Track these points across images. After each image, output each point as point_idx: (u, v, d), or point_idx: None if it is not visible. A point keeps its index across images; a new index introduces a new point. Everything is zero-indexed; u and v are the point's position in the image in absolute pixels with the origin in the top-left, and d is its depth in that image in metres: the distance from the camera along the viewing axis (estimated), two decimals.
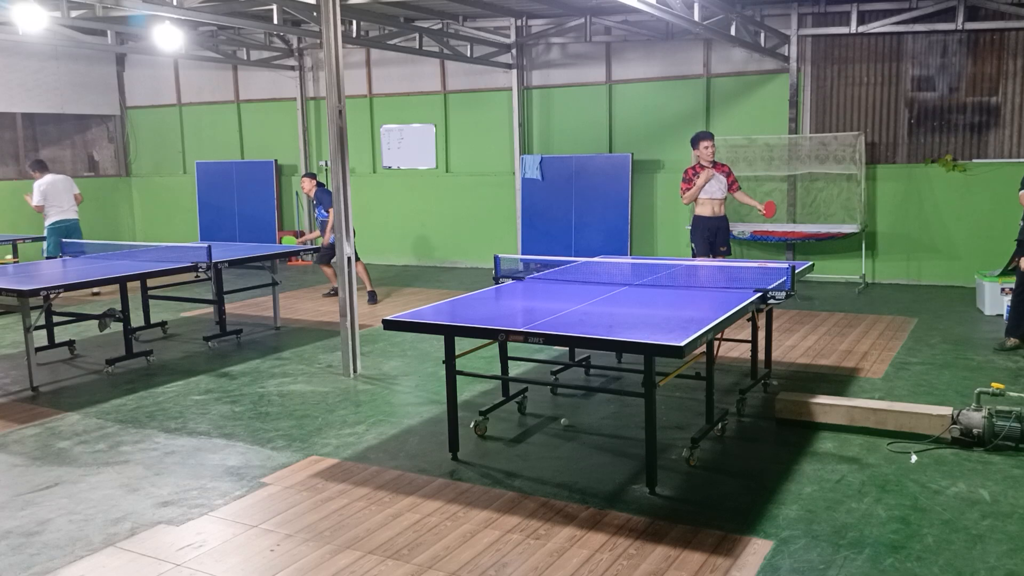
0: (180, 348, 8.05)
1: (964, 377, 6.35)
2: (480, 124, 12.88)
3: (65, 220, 10.79)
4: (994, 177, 10.02)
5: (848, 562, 3.59)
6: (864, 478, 4.49)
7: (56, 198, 10.72)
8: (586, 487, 4.47)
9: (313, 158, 14.12)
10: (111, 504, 4.39)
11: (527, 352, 6.61)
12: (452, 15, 12.04)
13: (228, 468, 4.87)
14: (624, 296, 5.35)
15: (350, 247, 6.83)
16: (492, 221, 12.90)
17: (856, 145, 10.43)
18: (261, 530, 4.04)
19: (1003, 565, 3.54)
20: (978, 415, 4.84)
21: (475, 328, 4.52)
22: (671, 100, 11.65)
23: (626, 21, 11.34)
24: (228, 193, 14.29)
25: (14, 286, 6.41)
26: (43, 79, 13.83)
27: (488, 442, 5.22)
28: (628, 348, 4.25)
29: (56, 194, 10.73)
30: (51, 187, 10.70)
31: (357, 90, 13.36)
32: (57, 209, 10.73)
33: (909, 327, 8.16)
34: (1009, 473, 4.50)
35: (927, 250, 10.57)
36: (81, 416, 5.93)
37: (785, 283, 5.29)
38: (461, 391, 5.59)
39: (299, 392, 6.43)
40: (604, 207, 11.84)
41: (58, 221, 10.74)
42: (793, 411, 5.37)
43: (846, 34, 10.54)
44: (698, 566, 3.58)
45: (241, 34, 13.28)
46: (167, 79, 14.99)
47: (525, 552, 3.75)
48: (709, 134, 8.40)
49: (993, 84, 10.08)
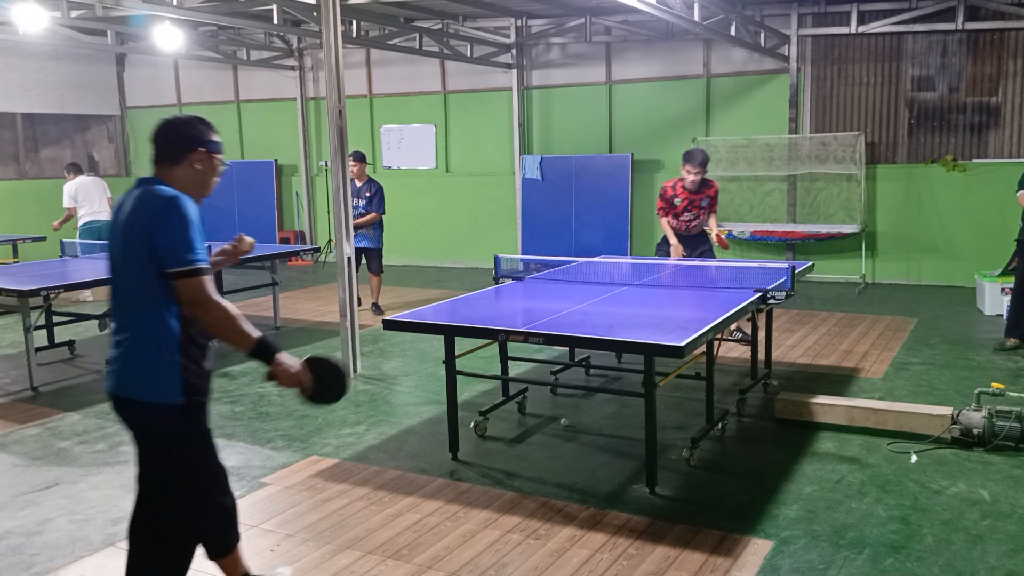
0: None
1: (964, 377, 6.35)
2: (480, 124, 12.88)
3: (97, 221, 10.60)
4: (994, 177, 10.02)
5: (848, 562, 3.59)
6: (864, 478, 4.49)
7: (87, 198, 10.57)
8: (586, 487, 4.47)
9: (313, 158, 14.12)
10: (111, 504, 4.39)
11: (527, 352, 6.61)
12: (452, 15, 12.04)
13: (228, 468, 4.85)
14: (624, 296, 5.35)
15: (350, 247, 6.83)
16: (492, 221, 12.90)
17: (856, 145, 10.43)
18: (261, 530, 4.04)
19: (1003, 565, 3.54)
20: (978, 415, 4.84)
21: (475, 328, 4.52)
22: (671, 100, 11.66)
23: (626, 21, 11.34)
24: (228, 193, 14.29)
25: (14, 286, 6.41)
26: (43, 79, 13.83)
27: (488, 442, 5.22)
28: (628, 348, 4.25)
29: (87, 195, 10.58)
30: (81, 188, 10.58)
31: (357, 90, 13.36)
32: (88, 209, 10.58)
33: (909, 327, 8.16)
34: (1009, 473, 4.50)
35: (927, 250, 10.57)
36: (81, 416, 5.93)
37: (785, 283, 5.29)
38: (461, 391, 5.59)
39: None
40: (604, 207, 11.84)
41: (90, 222, 10.59)
42: (793, 411, 5.37)
43: (846, 34, 10.54)
44: (698, 566, 3.58)
45: (241, 34, 13.28)
46: (167, 79, 14.99)
47: (525, 552, 3.75)
48: (698, 157, 7.07)
49: (993, 84, 10.08)
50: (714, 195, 7.29)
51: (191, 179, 2.90)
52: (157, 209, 2.73)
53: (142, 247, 2.72)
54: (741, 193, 11.27)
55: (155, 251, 2.70)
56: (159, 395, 2.77)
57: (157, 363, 2.76)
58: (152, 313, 2.75)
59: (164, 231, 2.70)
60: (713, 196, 7.28)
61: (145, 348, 2.77)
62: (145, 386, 2.77)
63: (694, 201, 7.18)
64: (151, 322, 2.75)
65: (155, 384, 2.77)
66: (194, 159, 2.90)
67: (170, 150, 2.89)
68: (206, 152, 2.92)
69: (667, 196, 7.24)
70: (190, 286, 2.71)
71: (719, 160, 11.08)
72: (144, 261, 2.72)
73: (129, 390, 2.80)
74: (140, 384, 2.78)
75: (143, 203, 2.78)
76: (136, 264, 2.74)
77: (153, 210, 2.73)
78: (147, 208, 2.75)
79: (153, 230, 2.71)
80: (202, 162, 2.91)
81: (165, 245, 2.70)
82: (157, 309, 2.75)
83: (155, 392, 2.77)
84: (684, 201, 7.18)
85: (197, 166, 2.91)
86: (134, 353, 2.79)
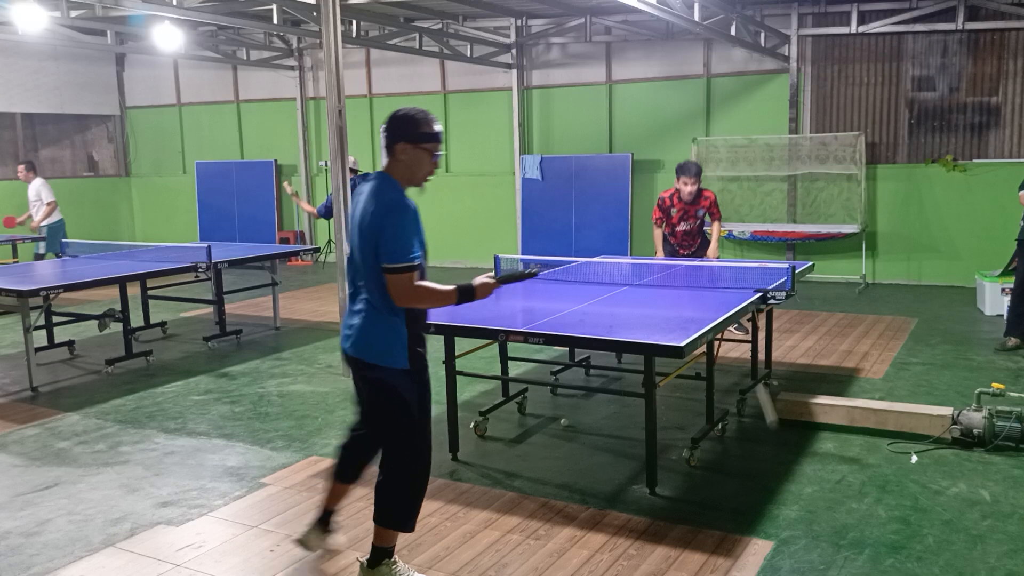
0: (180, 348, 8.05)
1: (964, 377, 6.35)
2: (480, 124, 12.87)
3: (60, 219, 10.89)
4: (994, 177, 10.02)
5: (848, 562, 3.59)
6: (864, 478, 4.49)
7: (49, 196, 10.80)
8: (586, 487, 4.46)
9: (313, 158, 14.12)
10: (111, 504, 4.39)
11: (527, 352, 6.60)
12: (452, 15, 12.04)
13: (228, 468, 4.87)
14: (624, 296, 5.35)
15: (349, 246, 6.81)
16: (492, 221, 12.89)
17: (856, 145, 10.43)
18: (261, 530, 4.04)
19: (1003, 565, 3.54)
20: (978, 415, 4.83)
21: (475, 328, 4.52)
22: (671, 100, 11.65)
23: (626, 21, 11.34)
24: (228, 193, 14.29)
25: (14, 286, 6.41)
26: (43, 79, 13.82)
27: (488, 442, 5.22)
28: (628, 348, 4.25)
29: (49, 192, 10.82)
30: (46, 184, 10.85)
31: (357, 90, 13.36)
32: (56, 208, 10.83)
33: (909, 327, 8.15)
34: (1009, 473, 4.50)
35: (927, 250, 10.57)
36: (81, 416, 5.92)
37: (785, 283, 5.29)
38: (461, 391, 5.59)
39: (299, 392, 6.42)
40: (604, 207, 11.84)
41: (59, 220, 10.82)
42: (793, 411, 5.37)
43: (846, 34, 10.54)
44: (698, 566, 3.58)
45: (241, 34, 13.28)
46: (167, 79, 14.99)
47: (525, 552, 3.75)
48: (692, 169, 7.13)
49: (993, 84, 10.08)
50: (712, 203, 7.30)
51: (401, 170, 3.26)
52: (380, 212, 3.15)
53: (371, 240, 3.16)
54: (741, 193, 11.27)
55: (377, 248, 3.14)
56: (390, 360, 3.26)
57: (387, 335, 3.25)
58: (384, 294, 3.19)
59: (383, 232, 3.12)
60: (711, 204, 7.30)
61: (378, 321, 3.25)
62: (378, 352, 3.26)
63: (689, 211, 7.28)
64: (383, 300, 3.21)
65: (386, 351, 3.26)
66: (399, 151, 3.23)
67: (385, 144, 3.27)
68: (409, 144, 3.22)
69: (664, 206, 7.33)
70: (399, 282, 3.14)
71: (719, 160, 11.09)
72: (372, 252, 3.17)
73: (365, 355, 3.29)
74: (373, 350, 3.27)
75: (372, 199, 3.19)
76: (370, 252, 3.18)
77: (378, 211, 3.15)
78: (373, 206, 3.17)
79: (376, 228, 3.14)
80: (406, 153, 3.23)
81: (383, 245, 3.13)
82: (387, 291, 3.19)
83: (386, 357, 3.26)
84: (680, 211, 7.28)
85: (402, 157, 3.24)
86: (369, 325, 3.27)
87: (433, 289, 3.22)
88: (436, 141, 3.28)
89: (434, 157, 3.29)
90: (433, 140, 3.26)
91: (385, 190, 3.20)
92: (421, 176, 3.30)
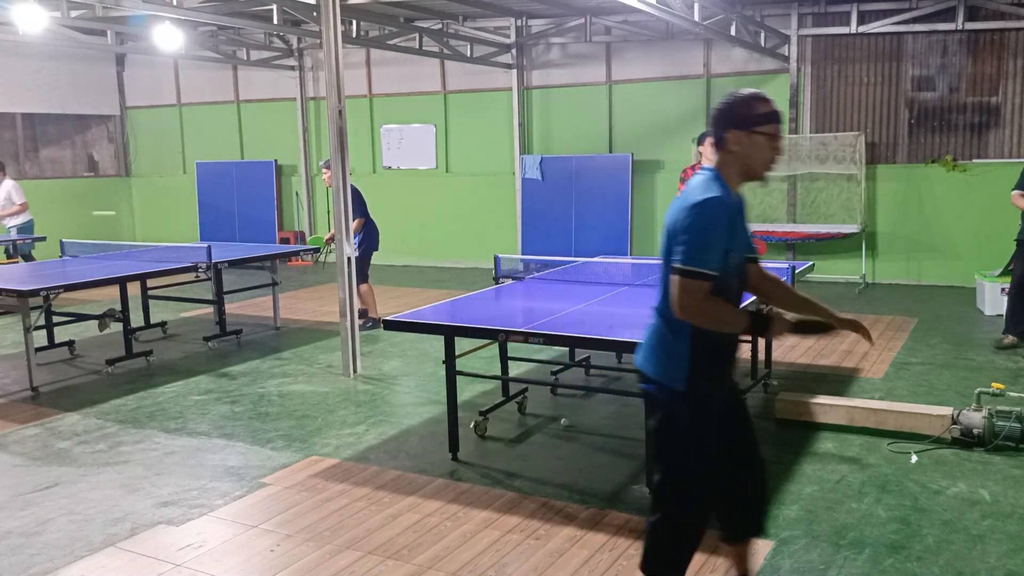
0: (180, 348, 8.05)
1: (964, 377, 6.35)
2: (480, 124, 12.87)
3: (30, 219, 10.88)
4: (994, 177, 10.01)
5: (848, 562, 3.59)
6: (864, 478, 4.49)
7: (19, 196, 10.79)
8: (586, 487, 4.46)
9: (313, 158, 14.12)
10: (111, 504, 4.39)
11: (527, 352, 6.61)
12: (452, 15, 12.04)
13: (228, 468, 4.87)
14: (624, 296, 5.35)
15: (350, 247, 6.83)
16: (492, 221, 12.89)
17: (856, 145, 10.43)
18: (261, 530, 4.04)
19: (1003, 565, 3.54)
20: (978, 415, 4.84)
21: (475, 328, 4.52)
22: (671, 100, 11.65)
23: (626, 21, 11.34)
24: (228, 193, 14.29)
25: (14, 286, 6.41)
26: (43, 79, 13.82)
27: (488, 442, 5.22)
28: (628, 348, 4.24)
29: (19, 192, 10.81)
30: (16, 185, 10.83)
31: (357, 90, 13.35)
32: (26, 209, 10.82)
33: (909, 327, 8.15)
34: (1009, 473, 4.50)
35: (927, 250, 10.57)
36: (81, 416, 5.93)
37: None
38: (461, 391, 5.59)
39: (299, 392, 6.43)
40: (604, 207, 11.84)
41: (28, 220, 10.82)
42: (793, 411, 5.37)
43: (846, 34, 10.54)
44: (698, 566, 3.58)
45: (241, 34, 13.27)
46: (167, 79, 14.98)
47: (525, 552, 3.75)
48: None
49: (993, 84, 10.08)
50: None
51: (734, 163, 2.84)
52: (683, 213, 2.75)
53: (669, 239, 2.81)
54: None
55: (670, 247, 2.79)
56: (666, 377, 2.90)
57: (668, 349, 2.90)
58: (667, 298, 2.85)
59: (680, 232, 2.74)
60: None
61: (662, 333, 2.92)
62: (657, 366, 2.94)
63: None
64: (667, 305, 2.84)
65: (664, 367, 2.91)
66: (730, 142, 2.82)
67: (715, 140, 2.88)
68: (741, 131, 2.80)
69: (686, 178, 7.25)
70: (684, 287, 2.72)
71: None
72: (667, 252, 2.82)
73: (646, 368, 2.98)
74: (652, 364, 2.95)
75: (682, 198, 2.82)
76: (666, 253, 2.83)
77: (681, 211, 2.76)
78: (680, 205, 2.79)
79: (676, 225, 2.76)
80: (739, 143, 2.81)
81: (677, 244, 2.75)
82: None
83: (663, 374, 2.91)
84: None
85: (735, 148, 2.82)
86: (655, 336, 2.96)
87: (722, 307, 2.77)
88: (773, 122, 2.82)
89: (774, 141, 2.82)
90: (769, 121, 2.81)
91: (704, 187, 2.78)
92: (761, 166, 2.84)
